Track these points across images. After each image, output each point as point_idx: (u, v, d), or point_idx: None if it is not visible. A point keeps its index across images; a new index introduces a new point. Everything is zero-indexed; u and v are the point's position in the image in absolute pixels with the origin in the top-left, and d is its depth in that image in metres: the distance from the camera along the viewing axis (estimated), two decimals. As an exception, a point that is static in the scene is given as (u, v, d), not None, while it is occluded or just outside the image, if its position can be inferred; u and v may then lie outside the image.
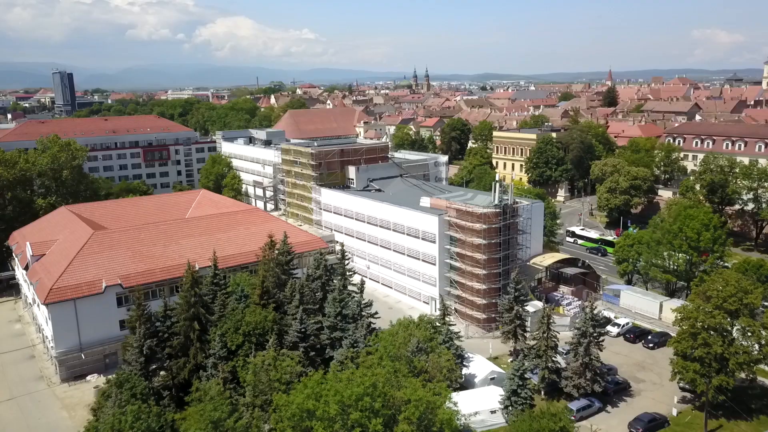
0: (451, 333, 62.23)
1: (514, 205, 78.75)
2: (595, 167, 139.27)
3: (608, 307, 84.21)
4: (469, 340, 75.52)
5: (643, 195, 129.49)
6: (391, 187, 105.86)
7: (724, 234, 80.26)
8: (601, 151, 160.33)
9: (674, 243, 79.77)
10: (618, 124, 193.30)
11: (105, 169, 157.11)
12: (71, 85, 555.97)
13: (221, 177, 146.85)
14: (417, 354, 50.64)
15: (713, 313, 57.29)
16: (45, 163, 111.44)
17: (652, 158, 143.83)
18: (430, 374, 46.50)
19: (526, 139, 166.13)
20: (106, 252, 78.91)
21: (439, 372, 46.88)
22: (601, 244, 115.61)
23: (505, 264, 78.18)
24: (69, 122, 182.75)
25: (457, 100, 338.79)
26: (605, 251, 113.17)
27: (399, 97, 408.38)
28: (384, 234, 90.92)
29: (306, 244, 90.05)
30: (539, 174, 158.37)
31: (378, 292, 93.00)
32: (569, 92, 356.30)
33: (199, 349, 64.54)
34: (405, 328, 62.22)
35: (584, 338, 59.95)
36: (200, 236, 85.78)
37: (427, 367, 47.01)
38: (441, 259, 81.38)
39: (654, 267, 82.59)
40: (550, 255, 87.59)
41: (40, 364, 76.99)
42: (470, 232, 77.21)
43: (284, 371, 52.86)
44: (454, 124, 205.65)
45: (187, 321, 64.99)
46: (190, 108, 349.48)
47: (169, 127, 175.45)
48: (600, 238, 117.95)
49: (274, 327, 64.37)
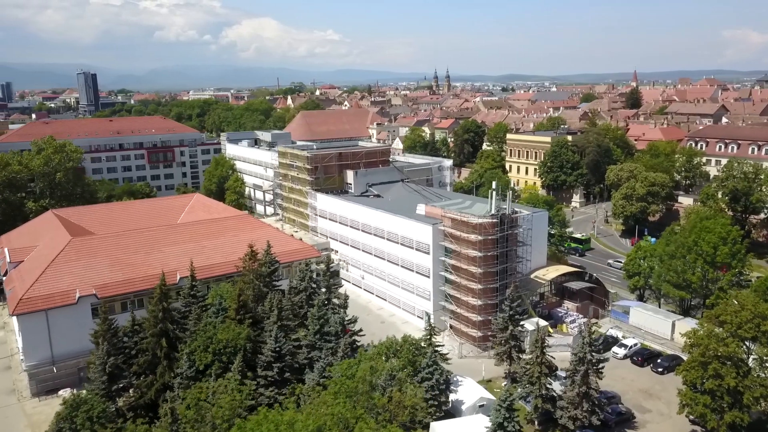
0: (437, 355, 57.04)
1: (513, 214, 73.22)
2: (610, 172, 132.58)
3: (616, 325, 78.20)
4: (463, 360, 70.37)
5: (661, 202, 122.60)
6: (391, 192, 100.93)
7: (743, 248, 73.65)
8: (619, 156, 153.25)
9: (689, 257, 73.51)
10: (639, 127, 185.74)
11: (109, 171, 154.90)
12: (95, 85, 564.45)
13: (224, 180, 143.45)
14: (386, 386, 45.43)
15: (726, 340, 51.43)
16: (38, 165, 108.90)
17: (672, 163, 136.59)
18: (391, 413, 41.41)
19: (541, 142, 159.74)
20: (84, 260, 75.41)
21: (402, 411, 41.74)
22: (571, 242, 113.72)
23: (502, 278, 72.77)
24: (74, 123, 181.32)
25: (476, 101, 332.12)
26: (582, 251, 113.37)
27: (417, 98, 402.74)
28: (378, 243, 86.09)
29: (295, 253, 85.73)
30: (553, 178, 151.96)
31: (372, 304, 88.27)
32: (591, 93, 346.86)
33: (166, 367, 60.50)
34: (387, 349, 57.52)
35: (581, 365, 54.34)
36: (185, 243, 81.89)
37: (389, 406, 41.88)
38: (435, 271, 76.23)
39: (666, 283, 76.39)
40: (555, 268, 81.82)
41: (15, 376, 73.70)
42: (465, 244, 71.97)
43: (227, 406, 47.49)
44: (467, 126, 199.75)
45: (154, 337, 61.01)
46: (207, 108, 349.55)
47: (174, 129, 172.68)
48: (569, 236, 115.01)
49: (247, 345, 60.00)
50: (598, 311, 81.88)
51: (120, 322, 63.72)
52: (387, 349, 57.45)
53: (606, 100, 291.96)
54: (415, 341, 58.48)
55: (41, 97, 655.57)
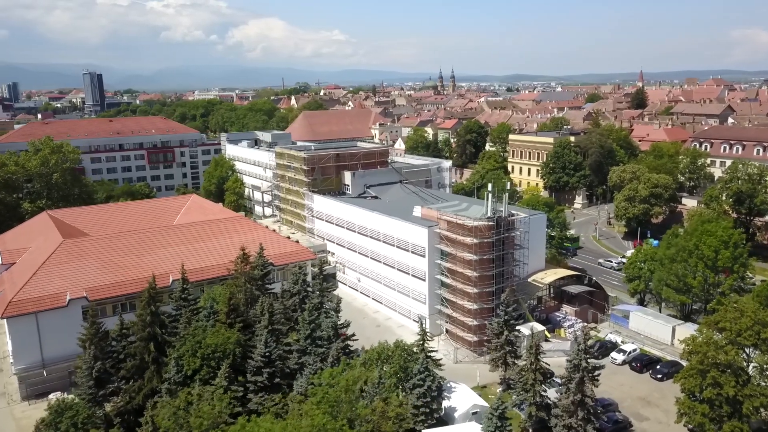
0: (428, 361, 55.80)
1: (509, 217, 71.89)
2: (613, 173, 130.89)
3: (616, 330, 76.76)
4: (458, 365, 69.12)
5: (663, 204, 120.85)
6: (389, 194, 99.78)
7: (746, 252, 72.00)
8: (623, 157, 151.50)
9: (690, 261, 71.95)
10: (643, 128, 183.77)
11: (109, 171, 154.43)
12: (101, 85, 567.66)
13: (224, 180, 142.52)
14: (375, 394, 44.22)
15: (725, 348, 49.97)
16: (35, 165, 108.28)
17: (676, 164, 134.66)
18: (374, 423, 40.19)
19: (543, 142, 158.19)
20: (75, 262, 74.60)
21: (385, 422, 40.53)
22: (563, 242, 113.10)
23: (499, 282, 71.46)
24: (74, 123, 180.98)
25: (480, 101, 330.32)
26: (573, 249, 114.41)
27: (422, 99, 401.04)
28: (374, 245, 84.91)
29: (290, 256, 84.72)
30: (555, 180, 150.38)
31: (368, 307, 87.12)
32: (597, 94, 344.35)
33: (155, 372, 59.55)
34: (378, 355, 56.39)
35: (576, 372, 52.94)
36: (178, 245, 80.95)
37: (373, 416, 40.64)
38: (431, 274, 74.95)
39: (667, 287, 74.86)
40: (553, 271, 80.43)
41: (5, 380, 72.89)
42: (461, 247, 70.71)
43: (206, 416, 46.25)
44: (470, 126, 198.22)
45: (142, 341, 60.07)
46: (212, 109, 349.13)
47: (175, 129, 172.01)
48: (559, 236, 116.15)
49: (236, 350, 58.96)
50: (597, 315, 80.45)
51: (111, 326, 62.92)
52: (378, 355, 56.34)
53: (611, 100, 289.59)
54: (407, 347, 57.32)
55: (48, 97, 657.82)
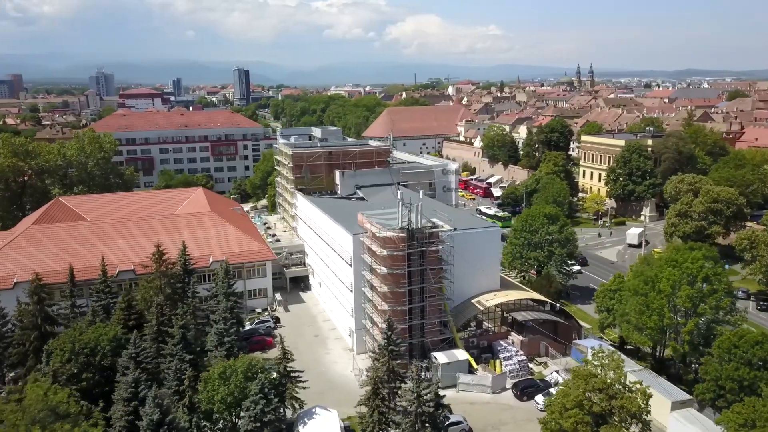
0: (266, 383, 50.58)
1: (430, 229, 63.55)
2: (669, 184, 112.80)
3: (568, 368, 65.07)
4: (363, 389, 62.57)
5: (727, 222, 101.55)
6: (380, 196, 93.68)
7: (722, 288, 56.72)
8: (707, 164, 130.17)
9: (650, 295, 58.65)
10: (755, 131, 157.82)
11: (176, 162, 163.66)
12: (247, 81, 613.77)
13: (268, 174, 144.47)
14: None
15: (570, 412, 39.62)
16: (73, 154, 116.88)
17: (760, 176, 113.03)
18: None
19: (613, 145, 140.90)
20: (33, 247, 79.01)
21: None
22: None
23: (419, 300, 63.73)
24: (148, 116, 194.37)
25: (599, 99, 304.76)
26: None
27: (545, 95, 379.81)
28: (325, 249, 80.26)
29: (247, 255, 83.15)
30: (621, 187, 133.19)
31: (322, 315, 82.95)
32: (740, 90, 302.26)
33: (34, 362, 60.81)
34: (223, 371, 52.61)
35: (407, 419, 44.82)
36: (136, 238, 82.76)
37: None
38: (357, 286, 68.82)
39: (626, 324, 61.98)
40: (505, 293, 70.15)
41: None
42: (378, 259, 64.02)
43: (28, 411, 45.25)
44: (552, 125, 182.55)
45: (25, 330, 61.65)
46: (331, 104, 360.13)
47: (240, 123, 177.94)
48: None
49: (107, 347, 58.32)
50: (559, 348, 69.03)
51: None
52: (224, 370, 52.54)
53: (750, 99, 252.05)
54: (259, 364, 52.94)
55: (206, 91, 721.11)
